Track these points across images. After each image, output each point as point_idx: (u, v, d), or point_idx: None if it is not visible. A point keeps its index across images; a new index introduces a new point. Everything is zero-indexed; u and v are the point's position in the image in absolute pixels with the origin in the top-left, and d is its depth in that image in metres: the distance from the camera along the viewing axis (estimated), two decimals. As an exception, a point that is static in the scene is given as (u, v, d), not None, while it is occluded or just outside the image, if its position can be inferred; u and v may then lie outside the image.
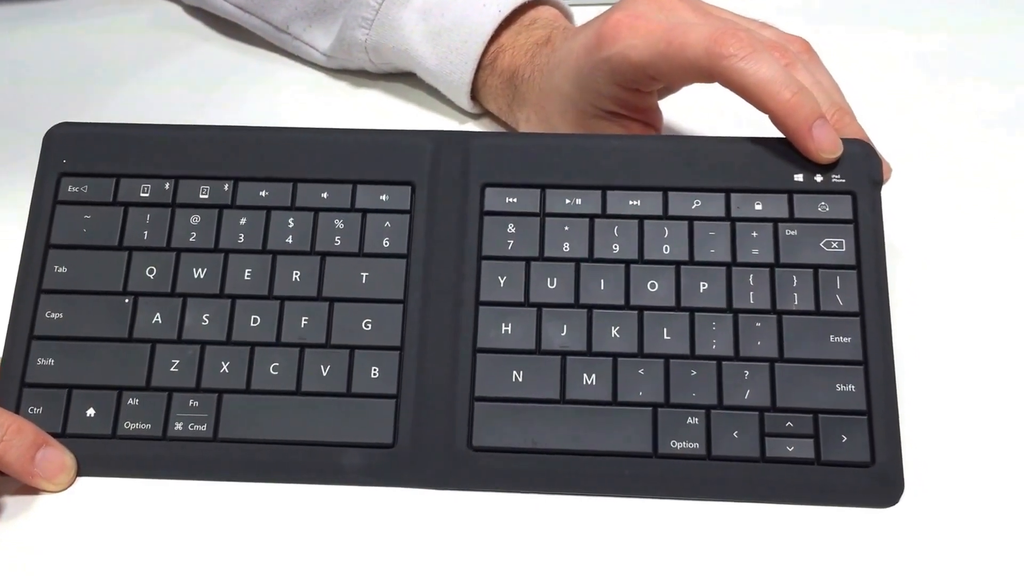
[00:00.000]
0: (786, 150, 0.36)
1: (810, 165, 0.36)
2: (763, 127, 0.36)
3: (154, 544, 0.32)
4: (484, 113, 0.44)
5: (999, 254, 0.39)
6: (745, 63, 0.33)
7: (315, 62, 0.46)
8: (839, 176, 0.36)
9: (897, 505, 0.33)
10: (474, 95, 0.43)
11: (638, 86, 0.37)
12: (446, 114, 0.45)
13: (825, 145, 0.35)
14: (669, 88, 0.40)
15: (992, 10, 0.47)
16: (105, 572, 0.32)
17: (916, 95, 0.44)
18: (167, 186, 0.37)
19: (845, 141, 0.37)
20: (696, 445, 0.33)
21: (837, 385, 0.34)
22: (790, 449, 0.33)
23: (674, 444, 0.33)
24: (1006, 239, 0.40)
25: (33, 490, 0.34)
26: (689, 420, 0.33)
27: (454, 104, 0.44)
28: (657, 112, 0.40)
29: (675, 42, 0.34)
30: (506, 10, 0.41)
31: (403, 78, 0.46)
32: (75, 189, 0.37)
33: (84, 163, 0.38)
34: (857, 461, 0.33)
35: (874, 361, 0.34)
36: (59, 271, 0.36)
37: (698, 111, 0.43)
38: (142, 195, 0.37)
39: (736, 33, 0.34)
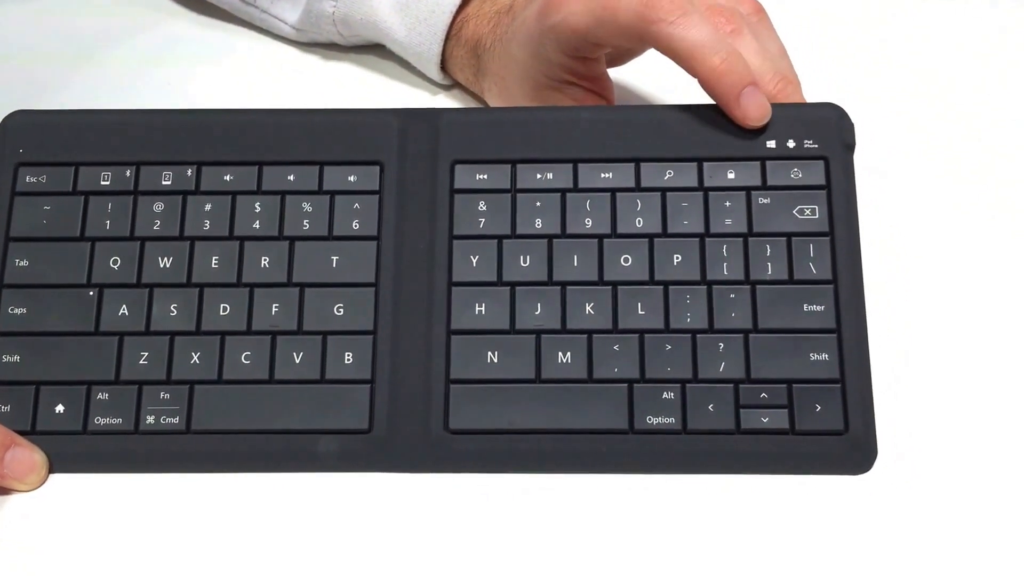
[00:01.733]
0: None
1: (783, 131, 0.36)
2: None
3: (129, 539, 0.32)
4: (455, 84, 0.44)
5: (974, 225, 0.39)
6: (674, 28, 0.33)
7: (284, 36, 0.45)
8: (811, 141, 0.36)
9: (870, 472, 0.33)
10: (444, 66, 0.42)
11: (584, 53, 0.36)
12: (419, 86, 0.44)
13: (751, 112, 0.34)
14: (622, 57, 0.40)
15: (991, 8, 0.46)
16: (80, 570, 0.32)
17: (913, 92, 0.44)
18: (128, 173, 0.36)
19: (817, 105, 0.36)
20: (672, 420, 0.33)
21: (811, 354, 0.34)
22: (765, 420, 0.33)
23: (650, 420, 0.33)
24: (980, 213, 0.40)
25: (3, 490, 0.33)
26: (665, 395, 0.33)
27: (425, 76, 0.43)
28: (607, 81, 0.39)
29: (609, 6, 0.34)
30: None
31: (374, 50, 0.45)
32: (33, 179, 0.36)
33: (42, 152, 0.37)
34: (831, 429, 0.33)
35: (847, 329, 0.34)
36: (20, 265, 0.35)
37: (666, 78, 0.43)
38: (102, 183, 0.36)
39: None
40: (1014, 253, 0.38)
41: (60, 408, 0.34)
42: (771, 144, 0.36)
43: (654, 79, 0.41)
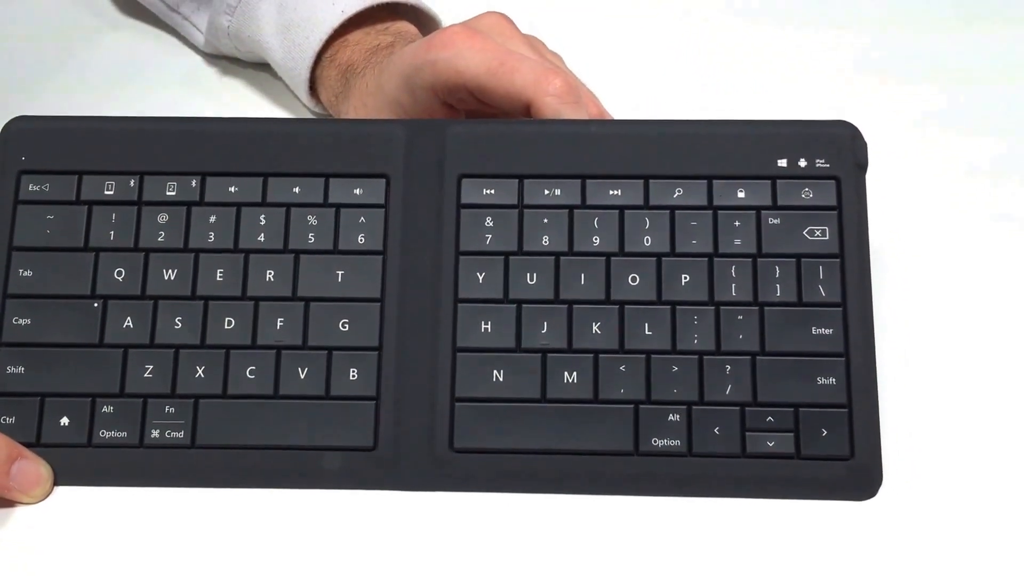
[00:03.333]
0: (770, 133, 0.36)
1: (794, 149, 0.35)
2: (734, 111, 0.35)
3: (134, 553, 0.32)
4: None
5: (986, 250, 0.39)
6: (563, 108, 0.35)
7: (197, 45, 0.46)
8: (823, 160, 0.35)
9: (875, 498, 0.33)
10: (314, 88, 0.42)
11: (451, 99, 0.37)
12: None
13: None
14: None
15: (989, 11, 0.46)
16: (88, 585, 0.32)
17: (927, 109, 0.43)
18: (132, 183, 0.36)
19: (829, 122, 0.36)
20: (677, 442, 0.33)
21: (818, 378, 0.33)
22: (771, 444, 0.33)
23: (655, 442, 0.33)
24: (993, 237, 0.39)
25: (8, 503, 0.33)
26: (671, 417, 0.33)
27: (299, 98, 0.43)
28: None
29: (508, 64, 0.35)
30: (350, 11, 0.40)
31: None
32: (36, 188, 0.36)
33: (44, 160, 0.36)
34: (836, 455, 0.33)
35: (855, 353, 0.34)
36: (24, 275, 0.35)
37: (677, 93, 0.42)
38: (106, 193, 0.36)
39: (565, 77, 0.35)
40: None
41: (65, 421, 0.34)
42: (782, 163, 0.35)
43: (664, 92, 0.40)
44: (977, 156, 0.42)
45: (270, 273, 0.35)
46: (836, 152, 0.35)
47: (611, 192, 0.35)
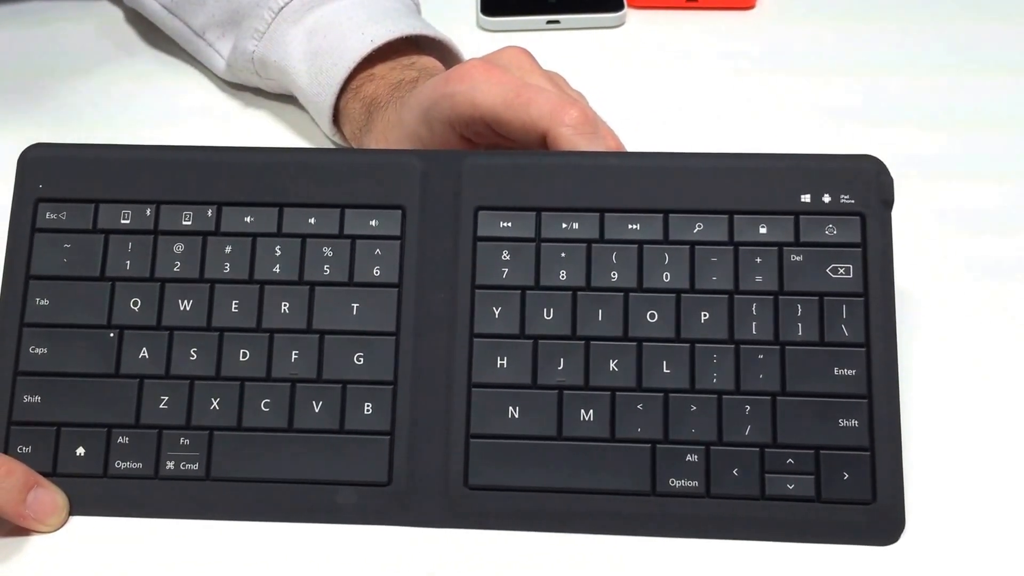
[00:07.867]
0: (793, 167, 0.35)
1: (818, 184, 0.35)
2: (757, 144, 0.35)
3: (150, 588, 0.32)
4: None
5: (1014, 292, 0.38)
6: (579, 139, 0.35)
7: (217, 73, 0.46)
8: (848, 196, 0.35)
9: (898, 543, 0.32)
10: (337, 119, 0.42)
11: (468, 132, 0.37)
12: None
13: None
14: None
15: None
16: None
17: (953, 145, 0.42)
18: (148, 212, 0.36)
19: (855, 156, 0.35)
20: (695, 483, 0.33)
21: (840, 420, 0.33)
22: (791, 487, 0.33)
23: (673, 482, 0.33)
24: (1016, 276, 0.38)
25: (24, 531, 0.33)
26: (688, 457, 0.33)
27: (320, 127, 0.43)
28: None
29: (524, 95, 0.35)
30: (379, 41, 0.41)
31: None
32: (53, 216, 0.36)
33: (61, 187, 0.36)
34: (858, 499, 0.32)
35: (878, 395, 0.33)
36: (41, 304, 0.35)
37: (696, 125, 0.42)
38: (123, 222, 0.36)
39: (582, 108, 0.35)
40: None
41: (81, 451, 0.34)
42: (805, 198, 0.35)
43: (684, 124, 0.40)
44: (1008, 199, 0.41)
45: (285, 305, 0.35)
46: (861, 188, 0.34)
47: (630, 226, 0.35)
